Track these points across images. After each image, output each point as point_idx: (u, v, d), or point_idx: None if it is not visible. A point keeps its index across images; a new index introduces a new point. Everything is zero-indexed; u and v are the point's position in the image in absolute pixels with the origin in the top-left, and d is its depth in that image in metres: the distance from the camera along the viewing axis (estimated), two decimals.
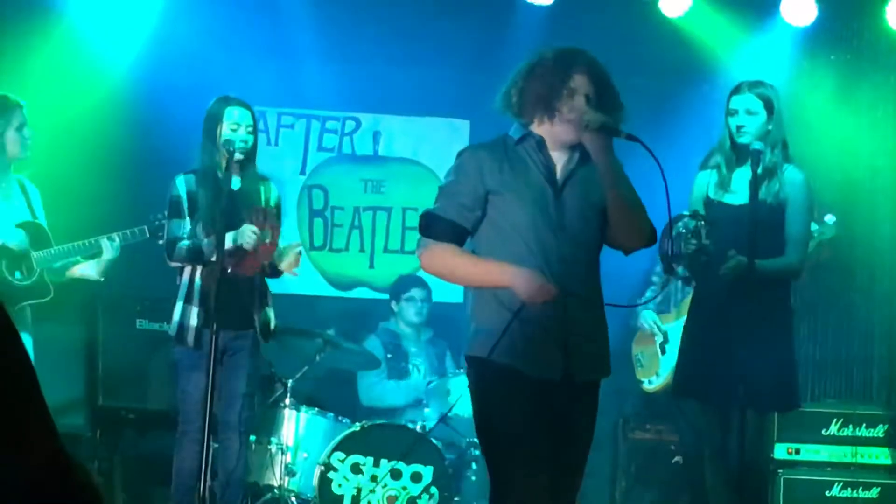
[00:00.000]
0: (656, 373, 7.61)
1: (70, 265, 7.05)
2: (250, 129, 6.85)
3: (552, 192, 4.54)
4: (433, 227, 4.58)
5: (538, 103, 4.52)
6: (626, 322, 7.85)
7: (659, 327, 7.65)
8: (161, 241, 6.85)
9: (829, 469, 7.43)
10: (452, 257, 4.57)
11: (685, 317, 7.21)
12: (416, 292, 8.48)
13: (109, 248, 6.91)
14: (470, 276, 4.65)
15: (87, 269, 7.06)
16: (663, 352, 7.56)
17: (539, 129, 4.58)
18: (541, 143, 4.57)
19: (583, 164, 4.59)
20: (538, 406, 4.46)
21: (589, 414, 4.64)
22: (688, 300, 7.29)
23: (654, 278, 7.85)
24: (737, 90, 6.19)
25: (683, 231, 5.84)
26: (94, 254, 6.99)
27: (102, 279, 7.09)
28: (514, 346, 4.46)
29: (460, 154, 4.66)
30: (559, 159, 4.59)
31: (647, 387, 7.70)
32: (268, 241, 6.76)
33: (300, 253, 6.94)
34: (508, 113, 4.60)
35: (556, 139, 4.56)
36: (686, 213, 5.99)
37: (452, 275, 4.72)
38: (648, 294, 7.80)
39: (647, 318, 7.70)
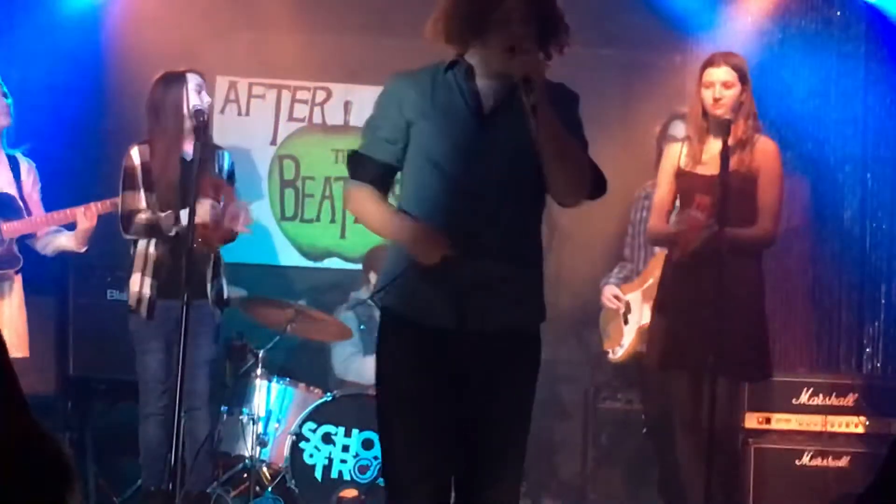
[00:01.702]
0: (619, 343, 7.61)
1: (50, 237, 7.07)
2: (203, 94, 6.88)
3: (476, 123, 4.17)
4: (358, 168, 4.33)
5: (466, 29, 4.14)
6: (597, 296, 7.84)
7: (619, 298, 7.63)
8: None
9: (799, 438, 7.45)
10: (365, 204, 4.32)
11: (645, 286, 7.25)
12: None
13: (84, 217, 6.90)
14: (375, 227, 4.39)
15: (67, 241, 7.06)
16: (626, 322, 7.57)
17: (471, 56, 4.21)
18: (469, 72, 4.21)
19: (517, 94, 4.10)
20: (430, 357, 4.18)
21: (509, 367, 4.21)
22: (649, 269, 7.32)
23: (627, 251, 7.83)
24: (711, 62, 6.20)
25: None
26: (71, 224, 6.99)
27: (83, 250, 7.10)
28: (404, 290, 4.19)
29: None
30: (490, 88, 4.20)
31: (612, 357, 7.71)
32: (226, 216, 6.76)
33: (248, 210, 6.94)
34: (439, 40, 4.22)
35: (488, 68, 4.17)
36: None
37: (366, 223, 4.46)
38: (616, 269, 7.79)
39: (608, 291, 7.68)
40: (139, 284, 6.77)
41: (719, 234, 5.84)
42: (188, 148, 6.84)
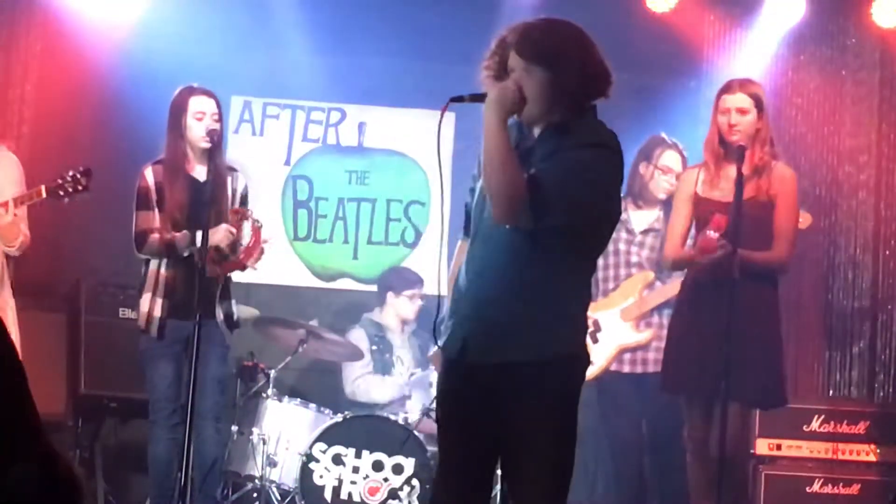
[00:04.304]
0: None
1: None
2: (216, 117, 6.83)
3: None
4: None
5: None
6: None
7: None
8: (66, 201, 6.73)
9: (809, 465, 7.44)
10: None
11: (623, 305, 7.23)
12: (418, 289, 8.40)
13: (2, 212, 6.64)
14: None
15: None
16: (595, 340, 7.48)
17: None
18: (520, 124, 4.42)
19: (540, 142, 4.33)
20: (451, 387, 4.43)
21: (518, 398, 4.30)
22: (623, 289, 7.30)
23: None
24: (727, 89, 6.21)
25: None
26: None
27: (13, 250, 6.78)
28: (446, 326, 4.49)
29: None
30: (528, 138, 4.40)
31: None
32: (247, 243, 6.77)
33: (263, 250, 6.91)
34: None
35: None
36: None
37: None
38: None
39: None
40: (149, 304, 6.77)
41: (733, 257, 5.84)
42: (201, 169, 6.83)
